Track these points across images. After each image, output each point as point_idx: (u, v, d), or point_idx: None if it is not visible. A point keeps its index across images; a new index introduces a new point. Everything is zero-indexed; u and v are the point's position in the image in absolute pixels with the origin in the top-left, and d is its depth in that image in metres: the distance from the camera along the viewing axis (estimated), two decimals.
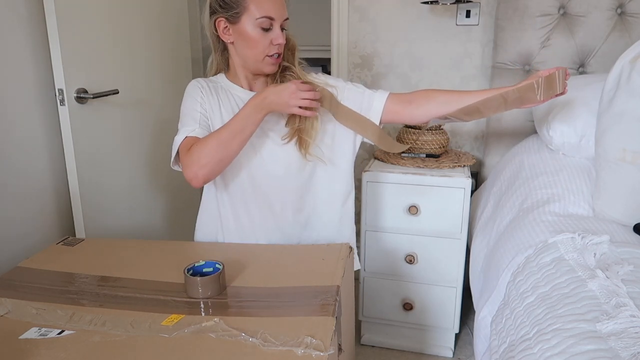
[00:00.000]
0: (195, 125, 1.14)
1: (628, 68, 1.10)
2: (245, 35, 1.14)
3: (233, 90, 1.23)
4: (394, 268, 1.66)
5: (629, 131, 1.10)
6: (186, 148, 1.11)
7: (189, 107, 1.18)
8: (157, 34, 1.78)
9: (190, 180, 1.11)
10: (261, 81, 1.26)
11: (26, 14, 1.33)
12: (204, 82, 1.22)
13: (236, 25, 1.14)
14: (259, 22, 1.12)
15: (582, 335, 0.73)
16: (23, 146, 1.35)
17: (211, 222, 1.30)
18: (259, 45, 1.14)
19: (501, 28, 1.74)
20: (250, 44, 1.14)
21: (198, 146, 1.09)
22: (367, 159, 2.12)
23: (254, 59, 1.17)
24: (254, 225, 1.25)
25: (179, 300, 0.93)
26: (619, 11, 1.63)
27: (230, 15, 1.13)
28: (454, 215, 1.57)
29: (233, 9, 1.12)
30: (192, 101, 1.18)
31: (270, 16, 1.12)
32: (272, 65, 1.18)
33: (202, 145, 1.09)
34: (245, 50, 1.16)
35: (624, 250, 0.96)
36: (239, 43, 1.16)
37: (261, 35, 1.13)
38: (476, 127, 1.99)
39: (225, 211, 1.26)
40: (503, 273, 1.10)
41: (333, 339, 0.81)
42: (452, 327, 1.68)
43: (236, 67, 1.22)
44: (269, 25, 1.13)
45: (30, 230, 1.39)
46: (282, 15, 1.15)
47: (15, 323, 0.86)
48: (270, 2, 1.12)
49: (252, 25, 1.12)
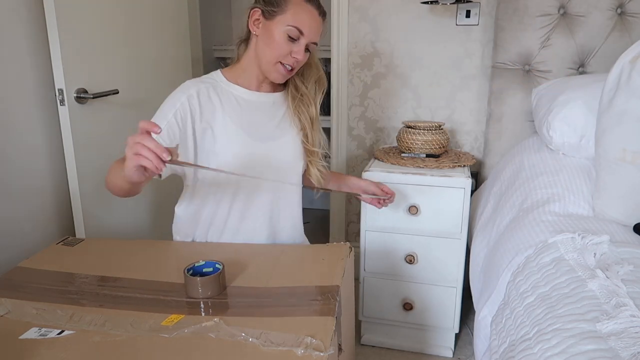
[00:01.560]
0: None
1: (628, 68, 1.10)
2: (271, 35, 1.14)
3: (234, 91, 1.22)
4: (394, 268, 1.66)
5: (629, 131, 1.10)
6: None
7: (164, 111, 1.13)
8: (157, 34, 1.78)
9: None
10: (268, 85, 1.26)
11: (26, 14, 1.33)
12: (202, 87, 1.17)
13: (268, 22, 1.14)
14: (288, 29, 1.12)
15: (582, 335, 0.73)
16: (23, 146, 1.35)
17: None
18: (277, 49, 1.14)
19: (501, 28, 1.74)
20: (271, 43, 1.14)
21: (112, 166, 1.07)
22: (367, 159, 2.12)
23: (268, 60, 1.16)
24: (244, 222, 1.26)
25: (179, 300, 0.93)
26: (619, 11, 1.63)
27: (268, 10, 1.13)
28: (454, 215, 1.57)
29: (273, 6, 1.13)
30: (170, 107, 1.13)
31: (301, 30, 1.13)
32: (279, 74, 1.18)
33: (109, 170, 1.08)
34: (264, 47, 1.16)
35: (624, 250, 0.96)
36: (262, 39, 1.16)
37: (285, 41, 1.14)
38: (476, 127, 1.99)
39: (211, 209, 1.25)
40: (503, 273, 1.10)
41: (333, 339, 0.81)
42: (452, 327, 1.68)
43: (249, 63, 1.21)
44: (296, 36, 1.13)
45: (30, 230, 1.39)
46: (314, 36, 1.16)
47: (15, 323, 0.86)
48: (308, 18, 1.14)
49: (282, 29, 1.13)
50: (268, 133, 1.23)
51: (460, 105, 1.98)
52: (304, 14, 1.13)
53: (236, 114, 1.19)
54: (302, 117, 1.28)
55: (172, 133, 1.11)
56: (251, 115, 1.21)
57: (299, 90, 1.28)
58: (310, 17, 1.14)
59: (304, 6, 1.14)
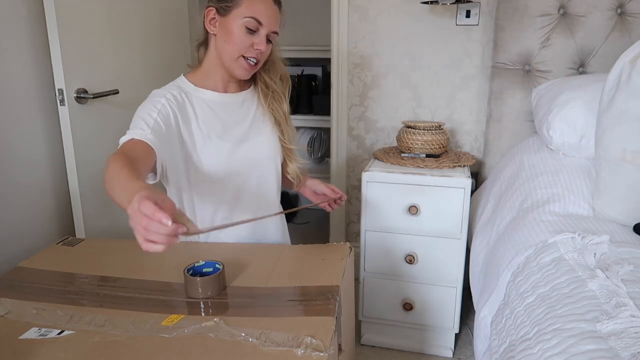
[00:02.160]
0: (147, 130, 1.03)
1: (628, 68, 1.10)
2: (229, 30, 1.12)
3: (203, 95, 1.19)
4: (394, 268, 1.66)
5: (629, 131, 1.10)
6: (119, 151, 0.98)
7: (144, 111, 1.09)
8: (157, 34, 1.78)
9: None
10: (235, 84, 1.24)
11: (26, 14, 1.33)
12: (174, 93, 1.14)
13: (224, 18, 1.12)
14: (245, 21, 1.11)
15: (582, 335, 0.73)
16: (23, 146, 1.35)
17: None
18: (238, 43, 1.12)
19: (501, 28, 1.74)
20: (230, 39, 1.12)
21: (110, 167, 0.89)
22: (367, 159, 2.12)
23: (230, 56, 1.14)
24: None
25: (179, 300, 0.93)
26: (619, 11, 1.63)
27: (222, 6, 1.12)
28: (454, 215, 1.57)
29: (226, 2, 1.11)
30: (150, 107, 1.09)
31: (259, 19, 1.11)
32: (244, 69, 1.16)
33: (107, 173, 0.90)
34: (224, 44, 1.14)
35: (624, 250, 0.96)
36: (220, 36, 1.14)
37: (244, 34, 1.12)
38: (476, 127, 1.99)
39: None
40: (503, 273, 1.10)
41: (333, 339, 0.81)
42: (452, 327, 1.68)
43: (211, 64, 1.19)
44: (255, 27, 1.12)
45: (30, 230, 1.39)
46: (272, 25, 1.14)
47: (15, 323, 0.86)
48: (263, 7, 1.12)
49: (239, 22, 1.11)
50: (243, 133, 1.22)
51: (460, 105, 1.98)
52: (258, 3, 1.11)
53: (210, 120, 1.17)
54: (276, 113, 1.27)
55: (159, 131, 1.06)
56: (224, 118, 1.20)
57: (270, 87, 1.27)
58: (265, 6, 1.12)
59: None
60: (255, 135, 1.24)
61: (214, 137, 1.17)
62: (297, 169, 1.32)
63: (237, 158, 1.20)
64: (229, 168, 1.19)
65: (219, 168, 1.17)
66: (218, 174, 1.17)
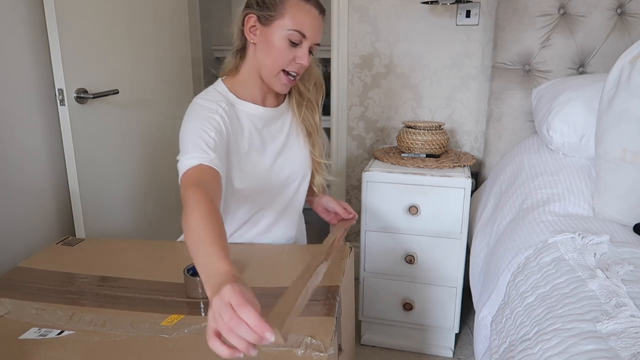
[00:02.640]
0: (211, 154, 0.96)
1: (628, 68, 1.10)
2: (270, 42, 1.06)
3: (247, 109, 1.13)
4: (394, 268, 1.66)
5: (629, 131, 1.10)
6: (192, 181, 0.90)
7: (200, 128, 1.00)
8: (157, 34, 1.78)
9: None
10: (272, 96, 1.18)
11: (26, 14, 1.33)
12: (224, 107, 1.07)
13: (265, 28, 1.06)
14: (289, 33, 1.04)
15: (582, 335, 0.73)
16: (23, 146, 1.35)
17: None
18: (279, 57, 1.06)
19: (501, 28, 1.74)
20: (271, 51, 1.06)
21: (191, 209, 0.80)
22: (367, 159, 2.12)
23: (270, 70, 1.09)
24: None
25: (179, 300, 0.93)
26: (619, 11, 1.63)
27: (264, 15, 1.05)
28: (454, 215, 1.57)
29: (269, 10, 1.04)
30: (206, 125, 1.01)
31: (303, 33, 1.05)
32: (284, 84, 1.11)
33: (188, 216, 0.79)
34: (264, 57, 1.08)
35: (624, 250, 0.96)
36: (261, 47, 1.08)
37: (287, 47, 1.05)
38: (476, 127, 1.99)
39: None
40: (503, 273, 1.10)
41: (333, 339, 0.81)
42: (452, 327, 1.68)
43: (249, 74, 1.13)
44: (298, 40, 1.06)
45: (30, 230, 1.39)
46: (316, 37, 1.08)
47: (15, 323, 0.86)
48: (309, 19, 1.05)
49: (282, 34, 1.05)
50: (279, 148, 1.18)
51: (460, 105, 1.98)
52: (303, 15, 1.05)
53: (252, 136, 1.12)
54: (307, 124, 1.22)
55: (221, 153, 1.01)
56: (263, 134, 1.16)
57: (304, 96, 1.21)
58: (310, 17, 1.06)
59: (302, 7, 1.05)
60: (289, 149, 1.20)
61: (254, 153, 1.13)
62: (323, 181, 1.29)
63: (272, 173, 1.17)
64: (263, 183, 1.16)
65: (254, 184, 1.14)
66: (251, 188, 1.14)
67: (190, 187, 0.85)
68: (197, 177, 0.91)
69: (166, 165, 1.85)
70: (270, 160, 1.16)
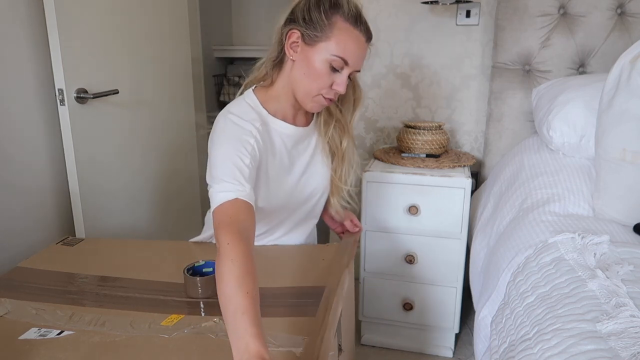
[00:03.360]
0: (245, 185, 0.92)
1: (628, 68, 1.10)
2: (311, 63, 1.00)
3: (278, 128, 1.08)
4: (394, 268, 1.66)
5: (629, 131, 1.10)
6: (228, 221, 0.87)
7: (235, 154, 0.95)
8: (157, 34, 1.78)
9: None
10: (302, 114, 1.14)
11: (26, 14, 1.33)
12: (259, 127, 1.02)
13: (308, 47, 1.00)
14: (332, 59, 0.99)
15: (582, 335, 0.73)
16: (23, 146, 1.35)
17: None
18: (317, 81, 1.01)
19: (501, 28, 1.74)
20: (310, 73, 1.01)
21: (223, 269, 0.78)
22: (367, 159, 2.12)
23: (305, 91, 1.04)
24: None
25: (179, 300, 0.93)
26: (619, 11, 1.63)
27: (309, 34, 0.99)
28: (454, 215, 1.57)
29: (315, 30, 0.98)
30: (241, 150, 0.96)
31: (347, 60, 1.00)
32: (318, 106, 1.07)
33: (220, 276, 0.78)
34: (302, 76, 1.02)
35: (624, 250, 0.96)
36: (299, 66, 1.02)
37: (327, 72, 1.00)
38: (476, 127, 1.99)
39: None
40: (503, 273, 1.10)
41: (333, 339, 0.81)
42: (452, 327, 1.68)
43: (284, 90, 1.07)
44: (340, 67, 1.00)
45: (30, 230, 1.38)
46: (358, 65, 1.03)
47: (14, 323, 0.86)
48: (354, 46, 1.00)
49: (324, 58, 0.99)
50: (304, 165, 1.15)
51: (460, 105, 1.98)
52: (350, 41, 0.99)
53: (281, 155, 1.09)
54: (333, 144, 1.17)
55: (253, 182, 0.97)
56: (292, 153, 1.12)
57: (333, 116, 1.16)
58: (357, 44, 1.00)
59: (351, 32, 0.99)
60: (313, 166, 1.16)
61: (281, 172, 1.10)
62: (340, 207, 1.23)
63: (296, 191, 1.14)
64: (285, 201, 1.13)
65: (277, 202, 1.11)
66: (272, 206, 1.11)
67: (228, 233, 0.83)
68: (233, 215, 0.88)
69: (165, 164, 1.85)
70: (296, 179, 1.13)
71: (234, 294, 0.74)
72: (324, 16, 0.98)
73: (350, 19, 0.99)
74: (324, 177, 1.19)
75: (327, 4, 0.99)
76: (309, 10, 0.99)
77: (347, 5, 1.00)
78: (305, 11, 0.99)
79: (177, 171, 1.93)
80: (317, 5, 0.99)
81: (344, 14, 0.99)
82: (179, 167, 1.94)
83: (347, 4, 1.00)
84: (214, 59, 2.71)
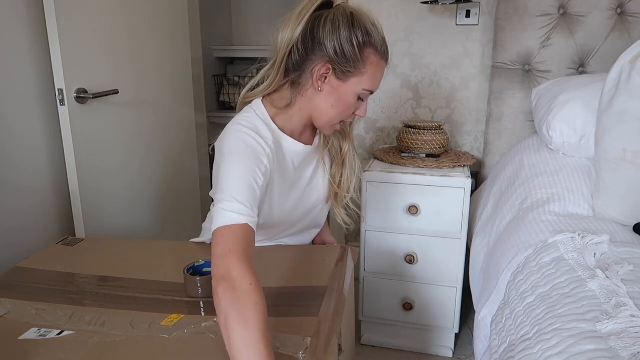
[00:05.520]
0: (255, 210, 0.90)
1: (628, 68, 1.10)
2: (341, 97, 1.00)
3: (289, 145, 1.06)
4: (394, 268, 1.66)
5: (629, 131, 1.10)
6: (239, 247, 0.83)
7: (248, 172, 0.92)
8: (157, 34, 1.78)
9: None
10: (308, 134, 1.12)
11: (26, 14, 1.33)
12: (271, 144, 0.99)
13: (339, 82, 0.99)
14: (362, 92, 1.00)
15: (582, 335, 0.73)
16: (23, 146, 1.35)
17: None
18: (345, 111, 1.02)
19: (501, 28, 1.74)
20: (340, 106, 1.01)
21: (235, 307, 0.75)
22: (367, 159, 2.12)
23: (330, 119, 1.03)
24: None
25: (179, 300, 0.93)
26: (619, 11, 1.63)
27: (342, 69, 0.97)
28: (454, 215, 1.57)
29: (348, 66, 0.97)
30: (254, 169, 0.93)
31: (373, 90, 1.03)
32: (335, 129, 1.08)
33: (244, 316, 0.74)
34: (328, 107, 1.01)
35: (624, 250, 0.96)
36: (327, 97, 1.01)
37: (355, 103, 1.02)
38: (476, 127, 1.99)
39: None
40: (503, 273, 1.10)
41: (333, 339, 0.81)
42: (452, 327, 1.68)
43: (300, 111, 1.04)
44: (366, 97, 1.03)
45: (30, 230, 1.38)
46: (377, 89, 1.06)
47: (14, 323, 0.86)
48: (380, 76, 1.02)
49: (355, 91, 1.00)
50: (308, 180, 1.14)
51: (460, 105, 1.98)
52: (378, 72, 1.01)
53: (289, 171, 1.08)
54: (332, 150, 1.17)
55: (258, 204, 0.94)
56: (299, 168, 1.11)
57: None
58: (382, 73, 1.02)
59: (380, 65, 1.00)
60: (314, 178, 1.16)
61: (286, 189, 1.09)
62: (346, 217, 1.19)
63: (299, 205, 1.14)
64: (287, 216, 1.13)
65: (280, 217, 1.11)
66: (274, 220, 1.10)
67: (246, 269, 0.80)
68: (244, 241, 0.85)
69: (166, 165, 1.85)
70: (299, 194, 1.13)
71: (257, 345, 0.71)
72: (357, 51, 0.96)
73: (381, 53, 0.99)
74: (326, 186, 1.18)
75: (360, 37, 0.96)
76: (340, 43, 0.96)
77: (377, 35, 0.98)
78: (337, 43, 0.96)
79: (177, 171, 1.93)
80: (349, 39, 0.96)
81: (375, 47, 0.98)
82: (178, 167, 1.94)
83: (376, 34, 0.98)
84: (214, 59, 2.71)
